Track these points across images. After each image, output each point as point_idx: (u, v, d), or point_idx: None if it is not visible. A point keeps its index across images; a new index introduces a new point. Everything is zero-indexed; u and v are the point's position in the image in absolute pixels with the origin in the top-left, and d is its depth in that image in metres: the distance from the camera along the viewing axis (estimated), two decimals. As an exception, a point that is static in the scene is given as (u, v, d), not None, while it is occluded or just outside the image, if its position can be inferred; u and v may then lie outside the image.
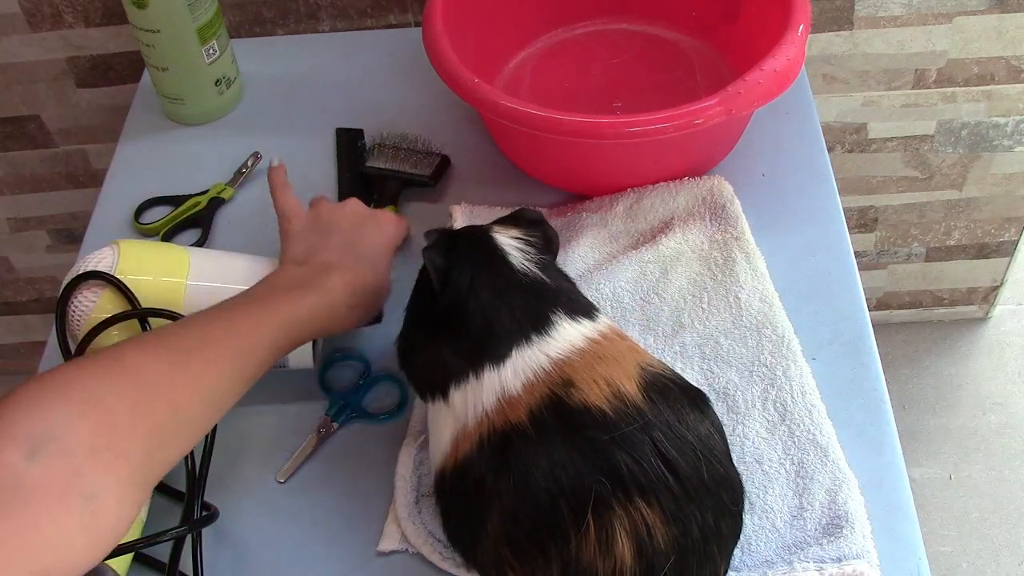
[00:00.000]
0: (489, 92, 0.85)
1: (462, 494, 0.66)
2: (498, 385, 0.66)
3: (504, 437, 0.64)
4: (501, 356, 0.66)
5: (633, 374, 0.65)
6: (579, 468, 0.61)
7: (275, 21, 1.17)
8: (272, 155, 0.88)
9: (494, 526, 0.63)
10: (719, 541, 0.63)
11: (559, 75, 1.03)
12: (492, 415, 0.65)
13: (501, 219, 0.76)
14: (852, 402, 0.77)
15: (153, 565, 0.73)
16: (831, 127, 1.31)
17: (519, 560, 0.62)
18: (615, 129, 0.82)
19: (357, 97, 1.06)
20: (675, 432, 0.63)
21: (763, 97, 0.82)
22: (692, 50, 1.03)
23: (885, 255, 1.51)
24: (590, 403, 0.63)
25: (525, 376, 0.65)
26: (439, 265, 0.70)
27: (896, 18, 1.19)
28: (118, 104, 1.24)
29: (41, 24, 1.17)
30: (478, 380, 0.66)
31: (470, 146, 0.99)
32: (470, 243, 0.72)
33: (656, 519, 0.60)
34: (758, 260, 0.85)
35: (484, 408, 0.65)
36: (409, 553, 0.72)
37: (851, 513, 0.69)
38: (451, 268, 0.70)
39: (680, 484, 0.61)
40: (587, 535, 0.60)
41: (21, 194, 1.37)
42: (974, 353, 1.64)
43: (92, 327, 0.76)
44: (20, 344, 1.65)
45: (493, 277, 0.70)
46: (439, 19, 0.90)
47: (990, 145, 1.35)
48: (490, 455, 0.64)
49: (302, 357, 0.80)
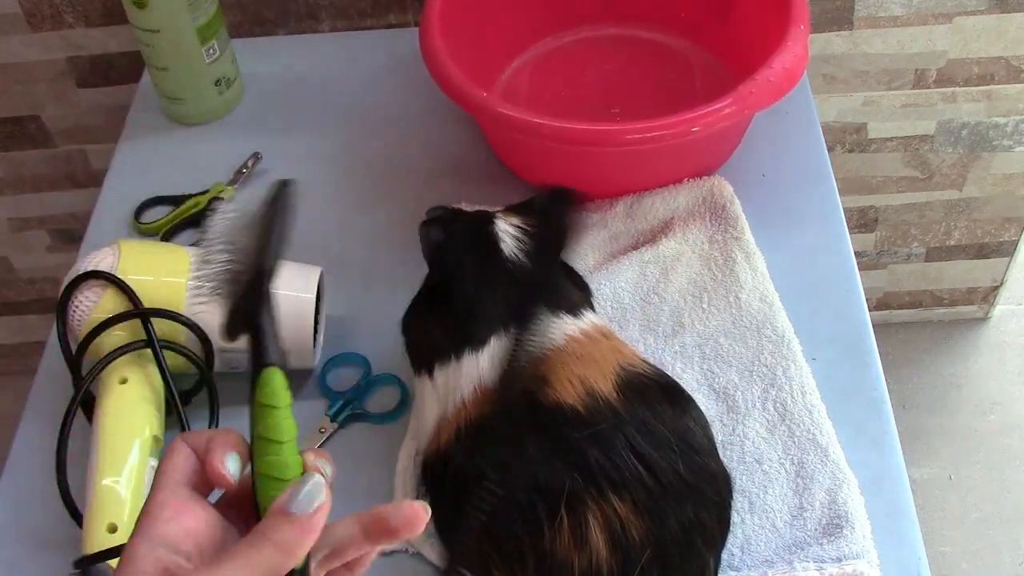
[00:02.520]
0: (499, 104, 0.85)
1: (444, 486, 0.67)
2: (475, 373, 0.67)
3: (479, 431, 0.65)
4: (480, 341, 0.68)
5: (610, 373, 0.66)
6: (552, 465, 0.62)
7: (275, 21, 1.17)
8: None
9: (474, 523, 0.64)
10: (702, 533, 0.63)
11: (554, 83, 1.03)
12: (469, 405, 0.67)
13: (511, 206, 0.78)
14: (852, 402, 0.77)
15: (153, 565, 0.73)
16: (831, 127, 1.31)
17: (500, 556, 0.63)
18: (630, 135, 0.82)
19: (357, 97, 1.06)
20: (650, 428, 0.64)
21: (774, 95, 0.82)
22: (684, 51, 1.03)
23: (885, 255, 1.51)
24: (563, 401, 0.65)
25: (500, 368, 0.67)
26: (433, 241, 0.73)
27: (896, 18, 1.19)
28: (118, 104, 1.24)
29: (41, 24, 1.17)
30: (459, 362, 0.68)
31: (471, 146, 0.99)
32: (468, 226, 0.74)
33: (629, 513, 0.61)
34: (758, 260, 0.85)
35: (462, 395, 0.67)
36: (409, 553, 0.72)
37: (851, 513, 0.69)
38: (444, 246, 0.73)
39: (655, 478, 0.62)
40: (561, 529, 0.61)
41: (21, 194, 1.37)
42: (974, 353, 1.64)
43: (93, 327, 0.76)
44: (20, 344, 1.65)
45: (481, 262, 0.72)
46: (436, 34, 0.90)
47: (990, 145, 1.35)
48: (467, 449, 0.65)
49: (302, 357, 0.80)
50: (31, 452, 0.81)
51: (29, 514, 0.78)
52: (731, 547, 0.68)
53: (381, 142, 1.01)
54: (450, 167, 0.98)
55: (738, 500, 0.70)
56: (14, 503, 0.78)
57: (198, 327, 0.77)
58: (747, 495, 0.71)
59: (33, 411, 0.84)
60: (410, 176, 0.98)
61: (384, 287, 0.88)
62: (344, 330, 0.85)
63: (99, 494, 0.71)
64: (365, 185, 0.98)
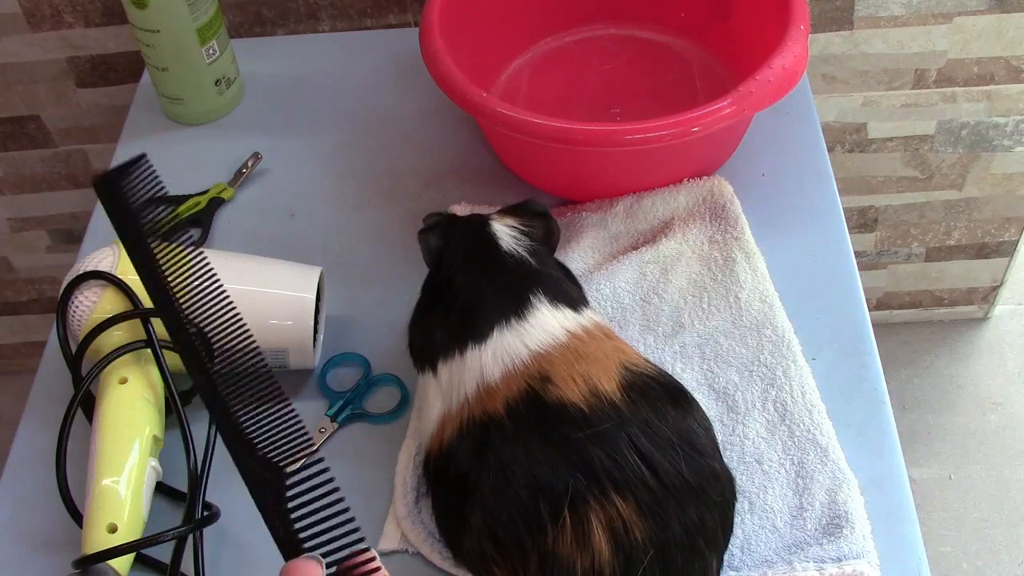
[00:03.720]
0: (499, 105, 0.84)
1: (447, 484, 0.67)
2: (479, 368, 0.68)
3: (483, 428, 0.65)
4: (483, 335, 0.69)
5: (613, 373, 0.66)
6: (555, 464, 0.62)
7: (275, 21, 1.17)
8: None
9: (476, 522, 0.64)
10: (705, 534, 0.63)
11: (553, 83, 1.03)
12: (472, 402, 0.67)
13: (503, 208, 0.79)
14: (852, 402, 0.77)
15: (154, 565, 0.73)
16: (831, 127, 1.31)
17: (501, 555, 0.63)
18: (629, 135, 0.82)
19: (357, 97, 1.06)
20: (653, 429, 0.64)
21: (774, 95, 0.82)
22: (684, 52, 1.03)
23: (885, 255, 1.51)
24: (567, 400, 0.65)
25: (503, 364, 0.67)
26: (433, 247, 0.74)
27: (896, 18, 1.19)
28: (118, 104, 1.24)
29: (41, 24, 1.17)
30: (462, 357, 0.69)
31: (471, 146, 0.99)
32: (465, 228, 0.76)
33: (632, 513, 0.61)
34: (758, 260, 0.85)
35: (466, 392, 0.67)
36: (409, 553, 0.72)
37: (851, 513, 0.69)
38: (445, 250, 0.74)
39: (657, 479, 0.62)
40: (563, 529, 0.61)
41: (21, 194, 1.37)
42: (974, 353, 1.64)
43: (93, 327, 0.76)
44: (20, 344, 1.65)
45: (483, 257, 0.73)
46: (436, 34, 0.90)
47: (990, 145, 1.35)
48: (470, 447, 0.65)
49: (302, 357, 0.80)
50: (31, 452, 0.81)
51: (29, 514, 0.78)
52: (731, 547, 0.68)
53: (381, 142, 1.01)
54: (450, 167, 0.98)
55: (738, 500, 0.70)
56: (14, 503, 0.78)
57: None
58: (747, 495, 0.71)
59: (33, 411, 0.84)
60: (410, 176, 0.98)
61: (384, 287, 0.88)
62: (344, 330, 0.86)
63: (99, 494, 0.71)
64: (365, 185, 0.98)
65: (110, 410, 0.74)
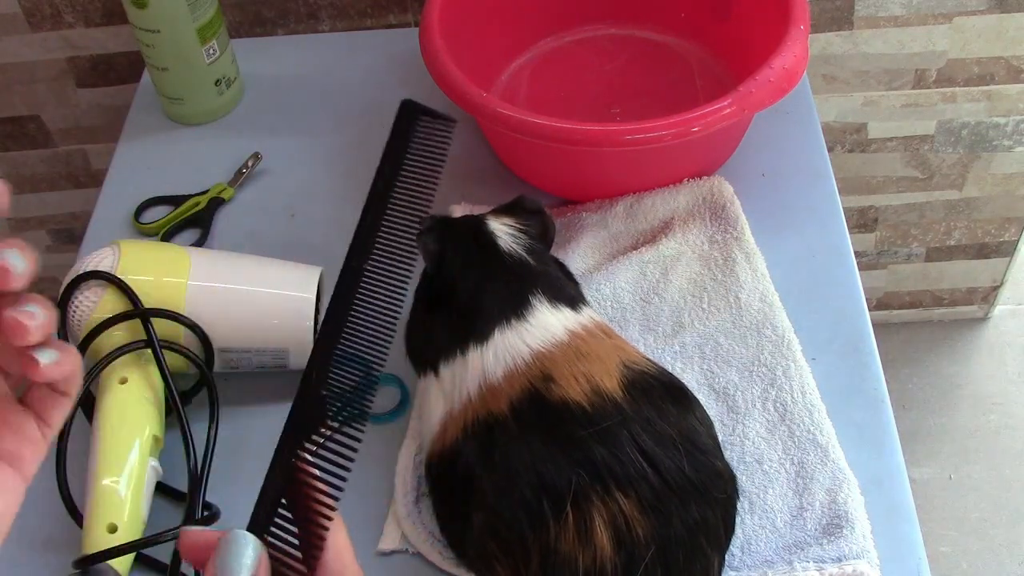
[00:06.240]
0: (498, 104, 0.84)
1: (450, 484, 0.68)
2: (480, 369, 0.68)
3: (487, 428, 0.66)
4: (484, 335, 0.69)
5: (614, 372, 0.67)
6: (559, 462, 0.62)
7: (275, 21, 1.17)
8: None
9: (479, 520, 0.64)
10: (707, 532, 0.63)
11: (554, 83, 1.03)
12: (475, 402, 0.67)
13: (498, 207, 0.79)
14: (852, 402, 0.77)
15: (154, 565, 0.73)
16: (831, 127, 1.31)
17: (504, 552, 0.63)
18: (629, 135, 0.81)
19: (357, 97, 1.06)
20: (655, 427, 0.64)
21: (774, 95, 0.82)
22: (684, 52, 1.03)
23: (885, 255, 1.51)
24: (569, 398, 0.65)
25: (505, 364, 0.67)
26: (432, 250, 0.74)
27: (896, 18, 1.19)
28: (118, 104, 1.24)
29: (41, 24, 1.17)
30: (464, 358, 0.69)
31: (471, 146, 0.99)
32: (462, 228, 0.75)
33: (634, 510, 0.61)
34: (758, 260, 0.85)
35: (468, 392, 0.68)
36: (409, 553, 0.72)
37: (851, 513, 0.69)
38: (444, 252, 0.73)
39: (659, 476, 0.62)
40: (566, 525, 0.61)
41: (21, 194, 1.37)
42: (974, 353, 1.64)
43: (93, 327, 0.76)
44: (20, 344, 1.65)
45: (482, 257, 0.73)
46: (436, 34, 0.90)
47: (990, 145, 1.35)
48: (475, 446, 0.66)
49: (302, 357, 0.80)
50: (31, 452, 0.81)
51: (29, 514, 0.77)
52: (731, 547, 0.68)
53: (381, 142, 1.01)
54: (450, 167, 0.97)
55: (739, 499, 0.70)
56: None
57: (198, 327, 0.77)
58: (747, 495, 0.71)
59: (33, 411, 0.83)
60: (410, 176, 0.97)
61: (384, 287, 0.88)
62: (344, 330, 0.85)
63: (99, 494, 0.71)
64: (365, 185, 0.97)
65: (110, 410, 0.74)
